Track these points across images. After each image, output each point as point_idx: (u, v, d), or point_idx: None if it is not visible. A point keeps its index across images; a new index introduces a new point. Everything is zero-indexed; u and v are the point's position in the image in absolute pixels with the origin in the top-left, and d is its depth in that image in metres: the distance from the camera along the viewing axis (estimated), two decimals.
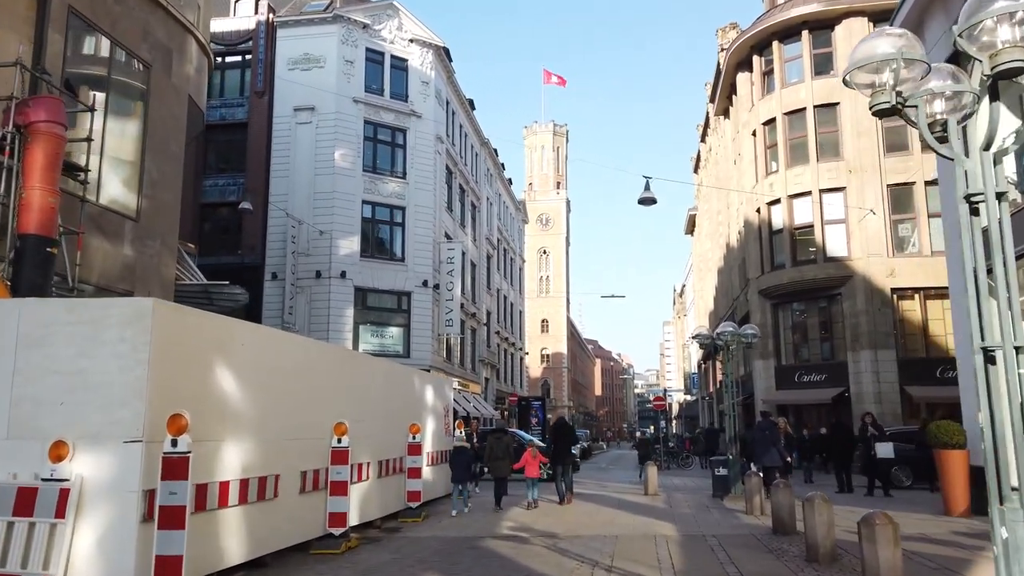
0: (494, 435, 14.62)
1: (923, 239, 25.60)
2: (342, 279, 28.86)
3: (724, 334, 13.76)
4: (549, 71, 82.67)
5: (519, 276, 58.66)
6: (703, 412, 52.99)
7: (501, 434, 14.60)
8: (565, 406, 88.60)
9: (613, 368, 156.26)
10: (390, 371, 12.03)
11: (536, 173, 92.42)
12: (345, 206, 29.36)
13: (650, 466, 14.77)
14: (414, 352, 30.11)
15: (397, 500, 11.62)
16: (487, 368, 43.72)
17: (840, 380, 25.76)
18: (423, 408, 13.23)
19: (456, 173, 37.00)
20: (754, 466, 13.59)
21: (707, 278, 46.67)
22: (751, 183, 29.94)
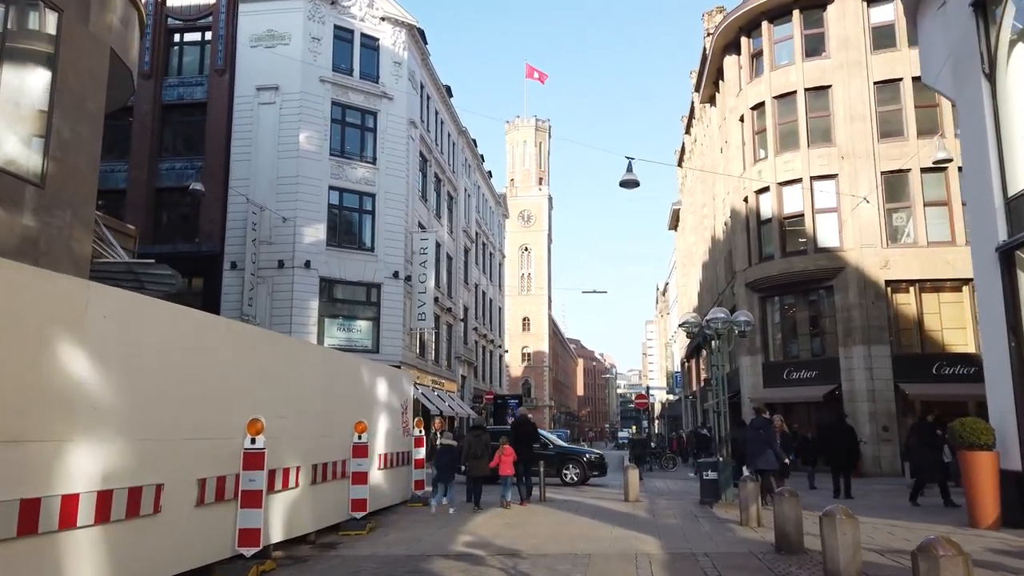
0: (472, 433, 13.57)
1: (919, 229, 24.34)
2: (306, 269, 27.16)
3: (715, 321, 12.30)
4: (532, 66, 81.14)
5: (499, 272, 57.10)
6: (686, 412, 51.72)
7: (479, 432, 13.54)
8: (546, 405, 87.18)
9: (595, 368, 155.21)
10: (330, 360, 10.40)
11: (518, 169, 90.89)
12: (310, 192, 27.66)
13: (630, 470, 13.26)
14: (384, 347, 28.47)
15: (338, 510, 10.01)
16: (464, 366, 42.12)
17: (831, 377, 24.45)
18: (373, 403, 11.62)
19: (431, 161, 35.37)
20: (747, 469, 12.12)
21: (691, 274, 45.39)
22: (738, 171, 28.58)
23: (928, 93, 24.79)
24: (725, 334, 12.56)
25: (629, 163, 18.88)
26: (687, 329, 13.07)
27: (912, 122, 24.72)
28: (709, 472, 12.28)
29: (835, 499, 14.25)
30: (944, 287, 24.28)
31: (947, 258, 23.73)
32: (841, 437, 14.79)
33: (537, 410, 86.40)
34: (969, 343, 23.68)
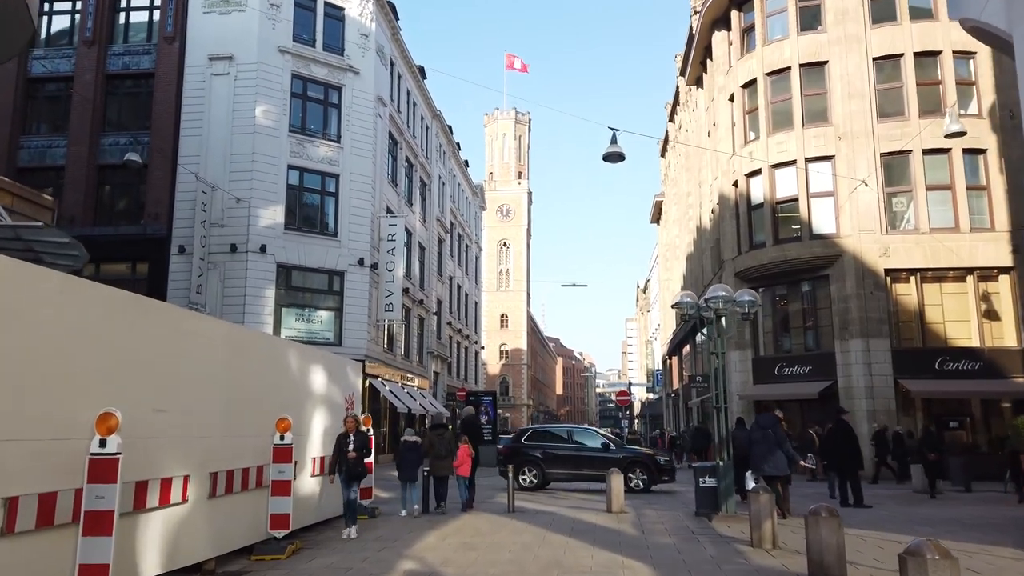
0: (435, 431, 12.34)
1: (920, 214, 22.74)
2: (262, 254, 24.99)
3: (715, 300, 10.45)
4: (512, 56, 79.14)
5: (475, 265, 55.11)
6: (667, 410, 50.09)
7: (442, 430, 12.53)
8: (525, 404, 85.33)
9: (575, 367, 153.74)
10: (239, 339, 8.32)
11: (497, 162, 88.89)
12: (267, 170, 25.48)
13: (614, 475, 11.35)
14: (348, 340, 26.39)
15: (250, 529, 8.01)
16: (437, 362, 40.10)
17: (827, 373, 22.78)
18: (305, 396, 9.62)
19: (402, 144, 33.30)
20: (751, 475, 10.29)
21: (674, 267, 43.72)
22: (728, 155, 26.84)
23: (931, 70, 23.29)
24: (727, 316, 10.72)
25: (613, 135, 17.03)
26: (682, 310, 11.20)
27: (913, 100, 23.11)
28: (707, 479, 10.43)
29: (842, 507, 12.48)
30: (947, 276, 22.71)
31: (950, 245, 22.17)
32: (841, 437, 13.02)
33: (515, 409, 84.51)
34: (973, 337, 22.15)
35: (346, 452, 9.35)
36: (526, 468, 17.02)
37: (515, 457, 17.22)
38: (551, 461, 16.94)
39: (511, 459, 17.28)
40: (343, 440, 9.49)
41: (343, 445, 9.44)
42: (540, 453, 17.02)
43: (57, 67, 26.59)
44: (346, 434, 9.52)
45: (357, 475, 9.52)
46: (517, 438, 18.83)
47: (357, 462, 9.44)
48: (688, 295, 11.29)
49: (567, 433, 18.27)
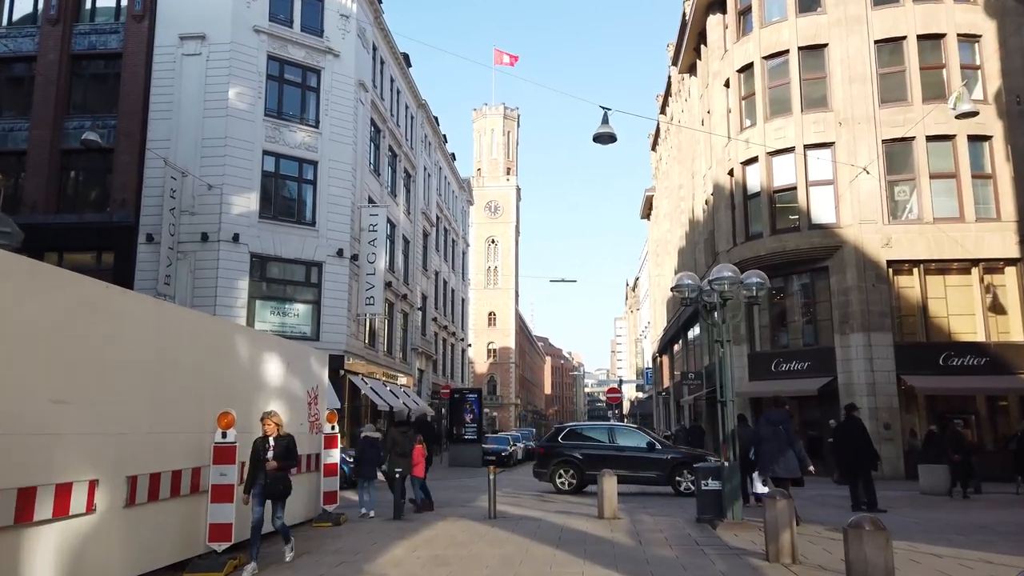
0: (398, 429, 11.57)
1: (924, 203, 21.81)
2: (234, 243, 23.73)
3: (719, 281, 9.36)
4: (500, 50, 77.99)
5: (462, 261, 53.93)
6: (658, 409, 49.13)
7: (406, 428, 11.87)
8: (512, 403, 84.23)
9: (563, 366, 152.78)
10: (171, 318, 7.06)
11: (485, 158, 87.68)
12: (241, 156, 24.22)
13: (606, 477, 10.24)
14: (325, 335, 25.17)
15: (183, 542, 6.86)
16: (421, 359, 38.91)
17: (826, 368, 21.81)
18: (256, 387, 8.46)
19: (385, 132, 32.09)
20: (758, 477, 9.23)
21: (665, 263, 42.73)
22: (723, 142, 25.84)
23: (935, 53, 22.37)
24: (732, 299, 9.64)
25: (605, 114, 16.07)
26: (682, 294, 10.11)
27: (917, 85, 22.18)
28: (709, 481, 9.34)
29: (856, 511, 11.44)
30: (951, 268, 21.80)
31: (955, 236, 21.26)
32: (852, 434, 11.94)
33: (503, 408, 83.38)
34: (979, 331, 21.25)
35: (263, 461, 7.28)
36: (563, 470, 15.86)
37: (552, 458, 16.08)
38: (591, 462, 15.60)
39: (547, 460, 16.14)
40: (260, 446, 7.39)
41: (260, 452, 7.35)
42: (579, 454, 15.80)
43: (19, 46, 25.23)
44: (264, 438, 7.41)
45: (277, 493, 7.36)
46: (553, 437, 17.61)
47: (278, 476, 7.31)
48: (689, 276, 10.20)
49: (608, 432, 17.00)
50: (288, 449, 7.46)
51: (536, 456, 17.33)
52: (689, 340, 34.89)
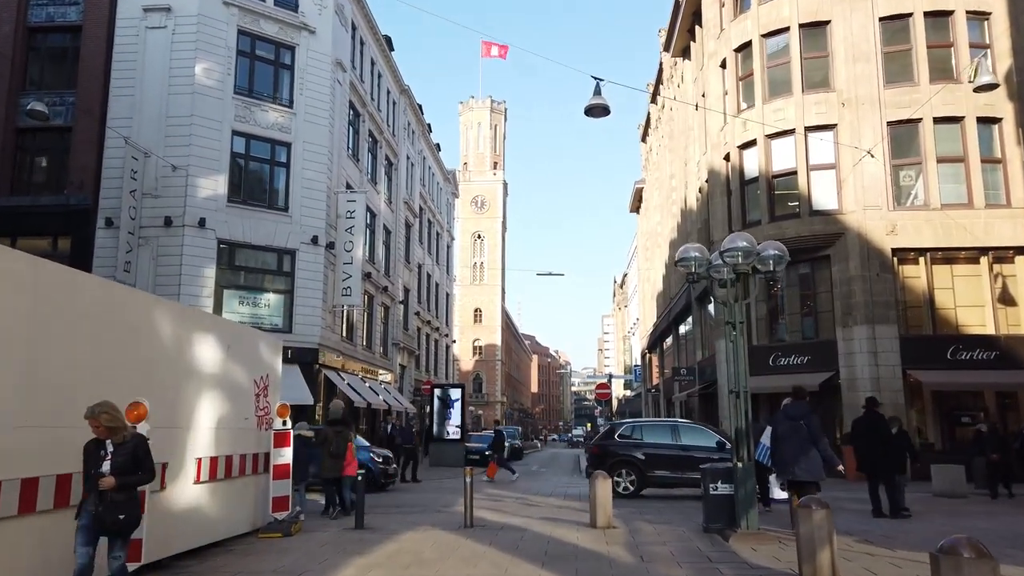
0: (333, 427, 10.69)
1: (930, 189, 20.70)
2: (200, 229, 22.26)
3: (733, 252, 8.07)
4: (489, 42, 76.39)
5: (447, 255, 52.51)
6: (647, 407, 47.97)
7: (342, 427, 10.95)
8: (498, 401, 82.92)
9: (550, 365, 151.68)
10: (58, 285, 5.57)
11: (471, 152, 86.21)
12: (208, 135, 22.74)
13: (599, 480, 8.90)
14: (299, 327, 23.76)
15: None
16: (403, 354, 37.49)
17: (828, 363, 20.66)
18: (182, 375, 7.09)
19: (365, 116, 30.65)
20: (776, 480, 7.97)
21: (655, 256, 41.54)
22: (718, 126, 24.64)
23: (942, 31, 21.26)
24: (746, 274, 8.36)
25: (597, 85, 14.76)
26: (688, 268, 8.82)
27: (924, 65, 21.07)
28: (719, 484, 8.08)
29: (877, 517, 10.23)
30: (959, 257, 20.71)
31: (963, 223, 20.16)
32: (875, 431, 10.65)
33: (489, 406, 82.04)
34: (988, 323, 20.18)
35: (95, 476, 4.93)
36: (623, 471, 14.38)
37: (607, 458, 14.55)
38: (653, 463, 14.35)
39: (602, 460, 14.62)
40: (92, 452, 5.05)
41: (92, 462, 5.01)
42: (641, 454, 14.32)
43: None
44: (98, 443, 5.05)
45: (113, 524, 4.91)
46: (608, 435, 15.88)
47: (118, 499, 4.92)
48: (696, 248, 8.91)
49: (672, 430, 15.43)
50: (136, 458, 5.09)
51: (589, 457, 15.62)
52: (681, 335, 33.71)
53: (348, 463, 11.12)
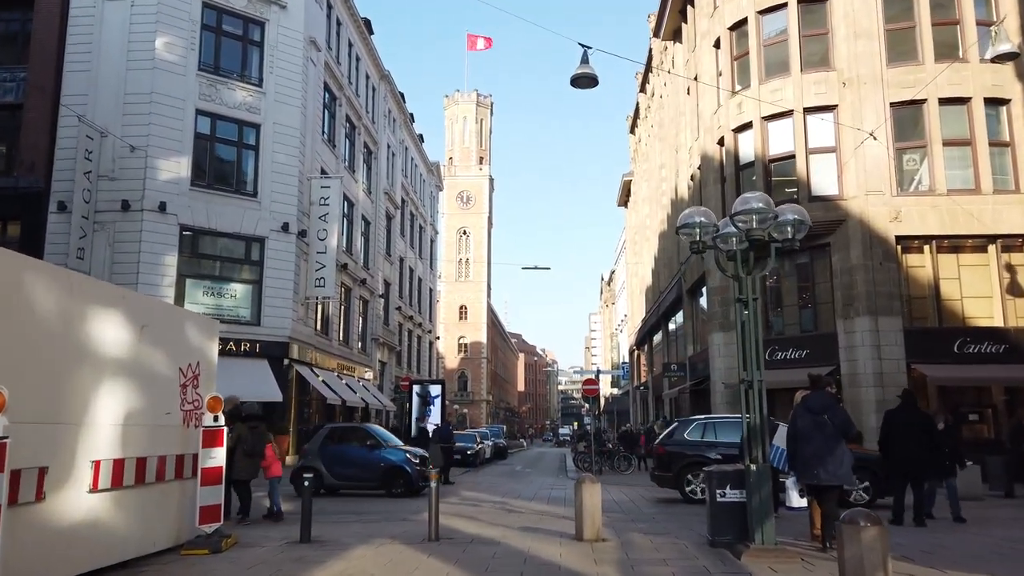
0: (248, 424, 9.48)
1: (936, 173, 19.59)
2: (161, 214, 20.83)
3: (745, 215, 6.81)
4: (474, 35, 75.15)
5: (430, 249, 51.14)
6: (635, 405, 46.84)
7: (257, 423, 9.84)
8: (484, 400, 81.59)
9: (537, 363, 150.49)
10: None
11: (457, 147, 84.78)
12: (169, 115, 21.31)
13: (584, 485, 7.53)
14: (268, 319, 22.39)
15: None
16: (383, 350, 36.10)
17: (827, 357, 19.50)
18: (75, 358, 5.74)
19: (342, 100, 29.25)
20: (794, 484, 6.73)
21: (644, 249, 40.38)
22: (712, 109, 23.46)
23: (948, 8, 20.16)
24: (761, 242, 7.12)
25: (584, 53, 13.57)
26: (692, 235, 7.57)
27: (928, 42, 19.96)
28: (727, 490, 6.82)
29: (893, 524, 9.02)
30: (965, 245, 19.62)
31: (970, 209, 19.07)
32: (915, 429, 9.29)
33: (474, 404, 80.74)
34: (996, 315, 19.11)
35: None
36: (695, 474, 12.87)
37: (676, 461, 13.12)
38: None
39: (669, 463, 13.21)
40: None
41: None
42: (717, 454, 12.70)
43: None
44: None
45: None
46: (672, 434, 14.18)
47: None
48: (702, 213, 7.65)
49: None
50: None
51: (656, 458, 14.31)
52: (671, 331, 32.53)
53: (270, 463, 10.03)
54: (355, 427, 16.84)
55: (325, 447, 14.69)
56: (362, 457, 14.50)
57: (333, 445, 14.84)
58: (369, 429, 16.12)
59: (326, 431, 15.45)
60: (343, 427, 17.30)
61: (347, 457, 14.65)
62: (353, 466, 14.52)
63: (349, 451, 14.81)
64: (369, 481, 14.33)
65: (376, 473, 14.23)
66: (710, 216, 7.62)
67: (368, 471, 14.31)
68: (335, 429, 15.98)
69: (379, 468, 14.24)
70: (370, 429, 16.16)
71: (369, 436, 15.21)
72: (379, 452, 14.51)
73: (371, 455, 14.45)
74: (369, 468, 14.31)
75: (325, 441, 14.86)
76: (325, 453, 14.55)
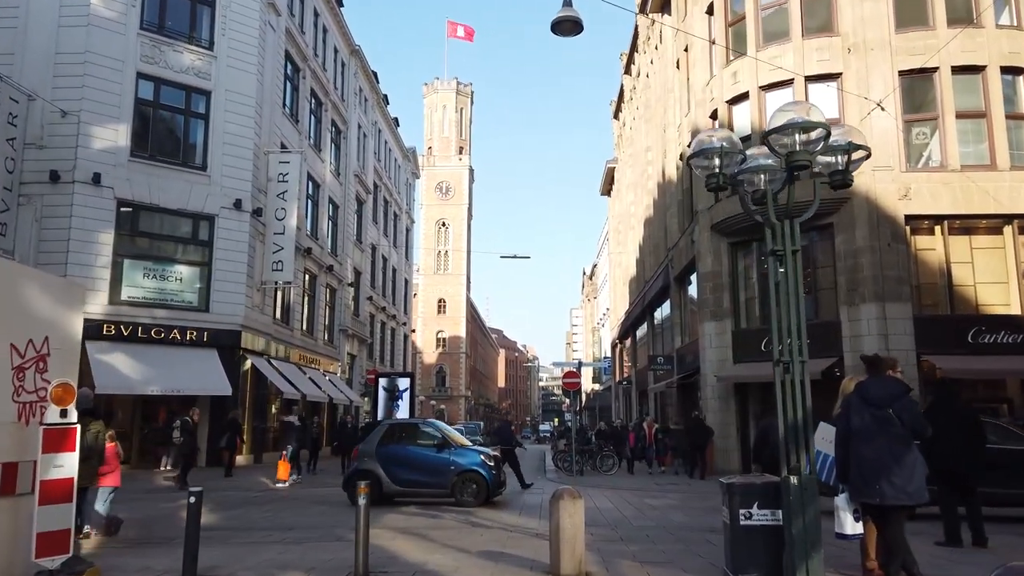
0: (81, 419, 6.47)
1: (948, 147, 17.99)
2: (95, 186, 18.72)
3: (787, 132, 4.99)
4: (455, 22, 73.02)
5: (406, 239, 49.10)
6: (617, 401, 45.19)
7: (87, 418, 7.39)
8: (462, 396, 79.66)
9: (518, 359, 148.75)
10: None
11: (436, 136, 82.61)
12: (106, 77, 19.20)
13: (565, 501, 5.66)
14: (218, 305, 20.37)
15: None
16: (352, 342, 34.07)
17: (830, 347, 17.80)
18: None
19: (306, 72, 27.17)
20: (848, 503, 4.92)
21: (629, 238, 38.65)
22: (704, 81, 21.73)
23: None
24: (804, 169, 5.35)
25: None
26: (708, 165, 5.74)
27: (940, 5, 18.36)
28: (753, 511, 4.99)
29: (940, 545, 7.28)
30: (979, 227, 18.04)
31: (986, 186, 17.48)
32: (959, 430, 7.51)
33: (452, 400, 78.81)
34: (1012, 302, 17.55)
35: None
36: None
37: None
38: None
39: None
40: None
41: None
42: None
43: None
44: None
45: None
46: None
47: None
48: (724, 136, 5.81)
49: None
50: None
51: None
52: (656, 322, 30.82)
53: (107, 471, 8.02)
54: (418, 423, 14.09)
55: (383, 448, 12.44)
56: (428, 459, 12.24)
57: (393, 445, 12.58)
58: (436, 426, 13.79)
59: (384, 428, 13.14)
60: (404, 423, 14.56)
61: (410, 459, 12.38)
62: (418, 470, 12.23)
63: (412, 452, 12.53)
64: (438, 488, 12.06)
65: (446, 478, 11.98)
66: (733, 140, 5.81)
67: (436, 476, 12.06)
68: (395, 426, 13.60)
69: (449, 472, 12.00)
70: (437, 426, 13.80)
71: (435, 434, 12.91)
72: (448, 453, 12.24)
73: (439, 457, 12.18)
74: (437, 472, 12.06)
75: (383, 440, 12.60)
76: (384, 455, 12.30)
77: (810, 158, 5.25)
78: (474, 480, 11.96)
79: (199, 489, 5.85)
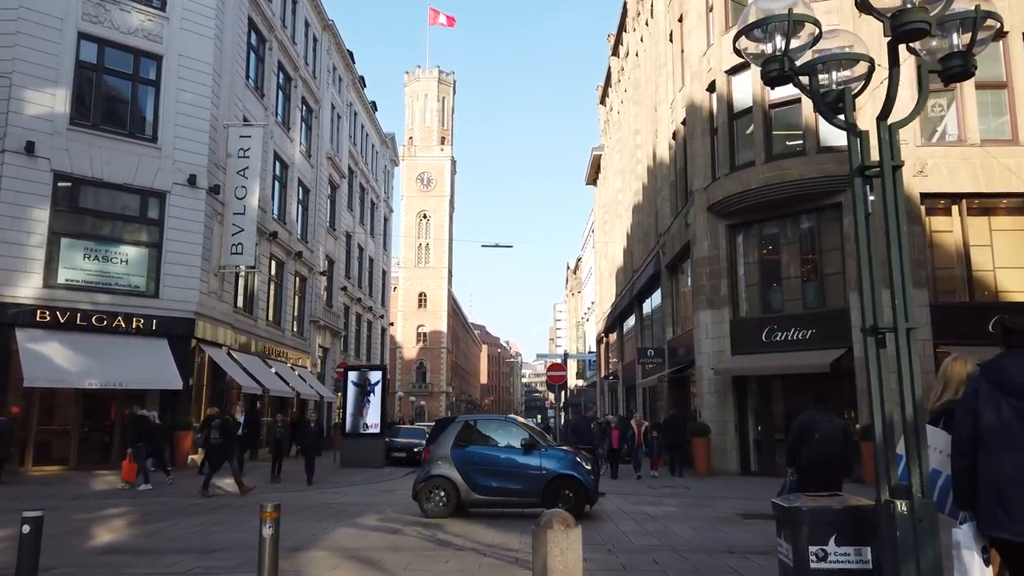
0: None
1: (967, 121, 16.57)
2: (28, 157, 16.80)
3: None
4: (436, 10, 71.09)
5: (384, 228, 47.24)
6: (602, 397, 43.67)
7: None
8: (443, 391, 77.88)
9: (500, 355, 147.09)
10: None
11: (418, 126, 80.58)
12: (42, 36, 17.27)
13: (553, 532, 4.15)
14: (169, 290, 18.53)
15: None
16: (324, 334, 32.24)
17: (837, 338, 16.33)
18: None
19: (273, 43, 25.29)
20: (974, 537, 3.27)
21: (616, 227, 37.09)
22: (699, 52, 20.16)
23: None
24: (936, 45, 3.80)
25: None
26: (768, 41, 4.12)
27: None
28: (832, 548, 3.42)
29: None
30: (999, 207, 16.65)
31: (1007, 162, 16.06)
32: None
33: (433, 396, 77.03)
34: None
35: None
36: None
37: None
38: None
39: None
40: None
41: None
42: None
43: None
44: None
45: None
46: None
47: None
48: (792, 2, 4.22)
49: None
50: None
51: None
52: (645, 314, 29.29)
53: None
54: (499, 419, 11.95)
55: (459, 450, 10.68)
56: (515, 463, 10.53)
57: (471, 446, 10.82)
58: (521, 423, 12.01)
59: (460, 426, 11.27)
60: (483, 420, 12.31)
61: (494, 463, 10.65)
62: (502, 476, 10.49)
63: (495, 455, 10.76)
64: (527, 497, 10.35)
65: (537, 485, 10.27)
66: (807, 4, 4.21)
67: (525, 482, 10.35)
68: (473, 424, 11.52)
69: (541, 478, 10.30)
70: (521, 423, 12.00)
71: (521, 432, 11.13)
72: (536, 456, 10.51)
73: (527, 460, 10.48)
74: (526, 478, 10.36)
75: (459, 441, 10.82)
76: (461, 458, 10.58)
77: (930, 19, 3.63)
78: (569, 487, 10.24)
79: (38, 514, 4.14)
